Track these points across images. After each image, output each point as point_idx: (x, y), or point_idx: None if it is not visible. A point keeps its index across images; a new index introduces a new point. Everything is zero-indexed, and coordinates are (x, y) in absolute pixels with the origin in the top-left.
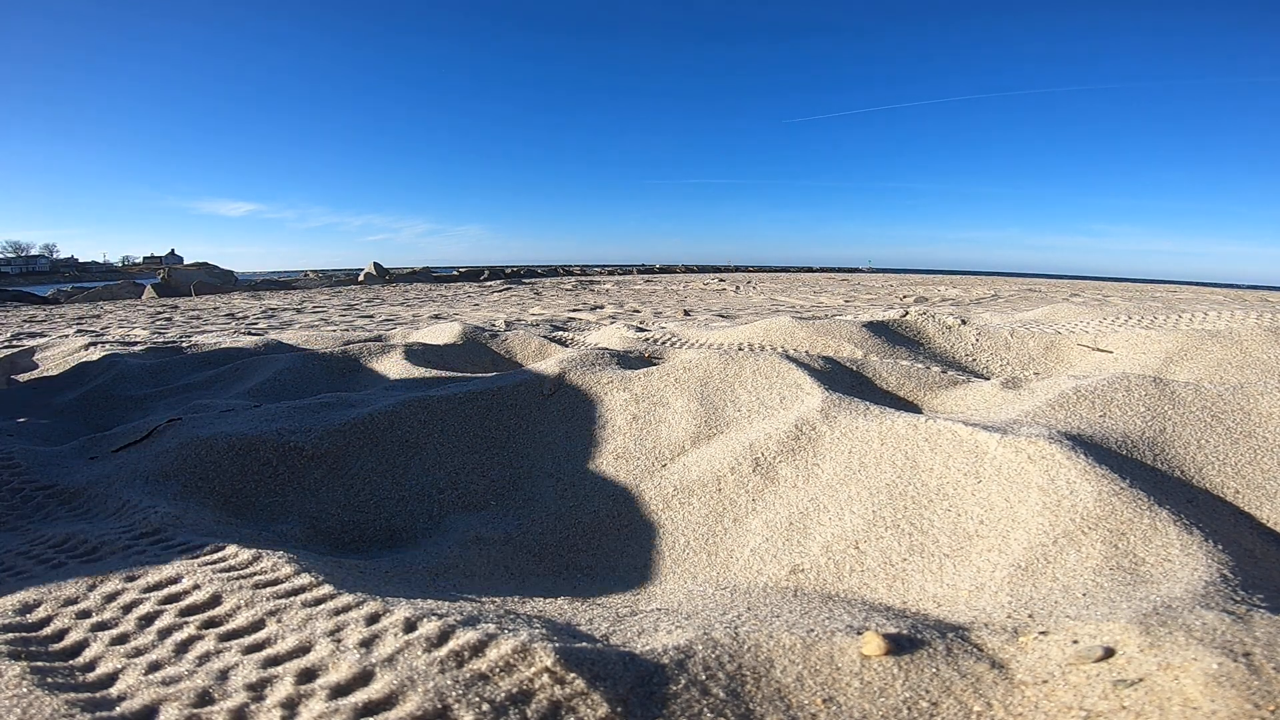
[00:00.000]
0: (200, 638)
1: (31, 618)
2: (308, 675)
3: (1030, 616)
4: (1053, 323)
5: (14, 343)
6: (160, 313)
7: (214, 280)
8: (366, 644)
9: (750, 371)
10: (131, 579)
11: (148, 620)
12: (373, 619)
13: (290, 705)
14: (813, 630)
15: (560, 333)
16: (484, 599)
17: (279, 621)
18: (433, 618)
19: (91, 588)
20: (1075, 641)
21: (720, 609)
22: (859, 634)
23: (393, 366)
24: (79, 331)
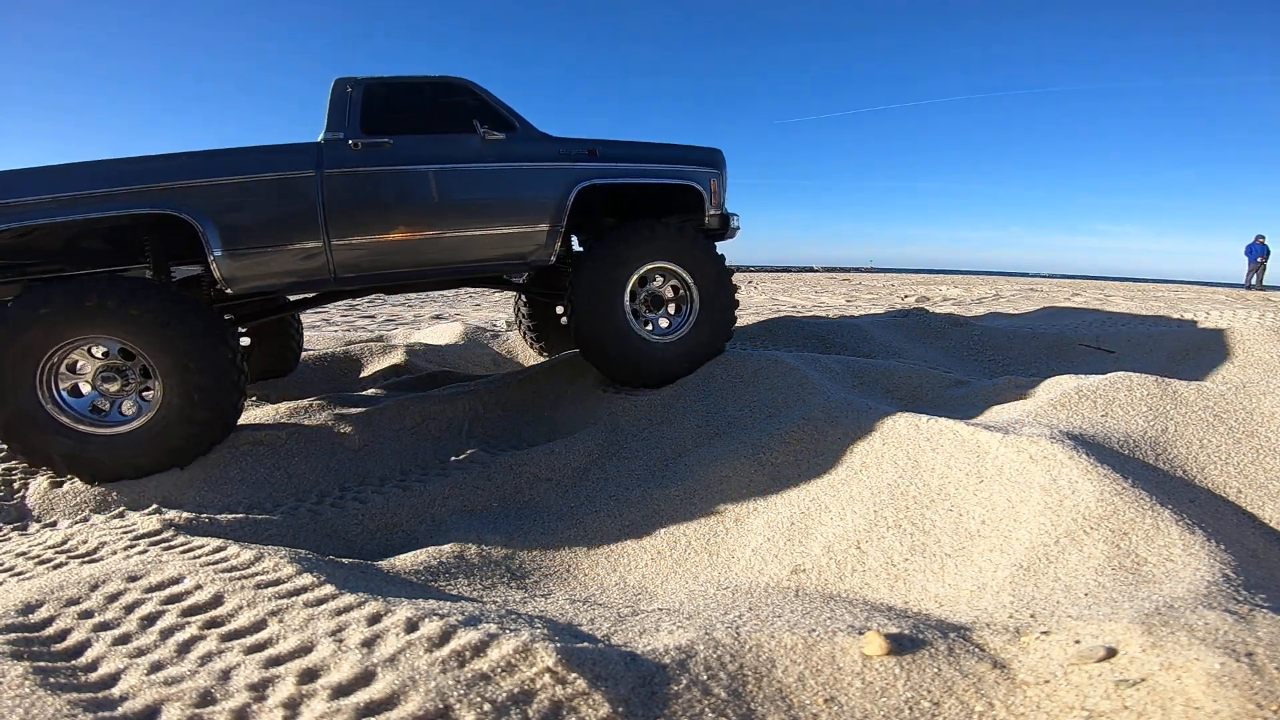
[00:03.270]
0: (202, 638)
1: (34, 618)
2: (309, 675)
3: (1032, 616)
4: (1054, 322)
5: None
6: None
7: None
8: (368, 644)
9: (752, 370)
10: (133, 579)
11: (150, 620)
12: (374, 619)
13: (292, 705)
14: (814, 630)
15: None
16: (485, 599)
17: (281, 622)
18: (434, 618)
19: (93, 588)
20: (1077, 641)
21: (722, 609)
22: (861, 634)
23: (394, 366)
24: None
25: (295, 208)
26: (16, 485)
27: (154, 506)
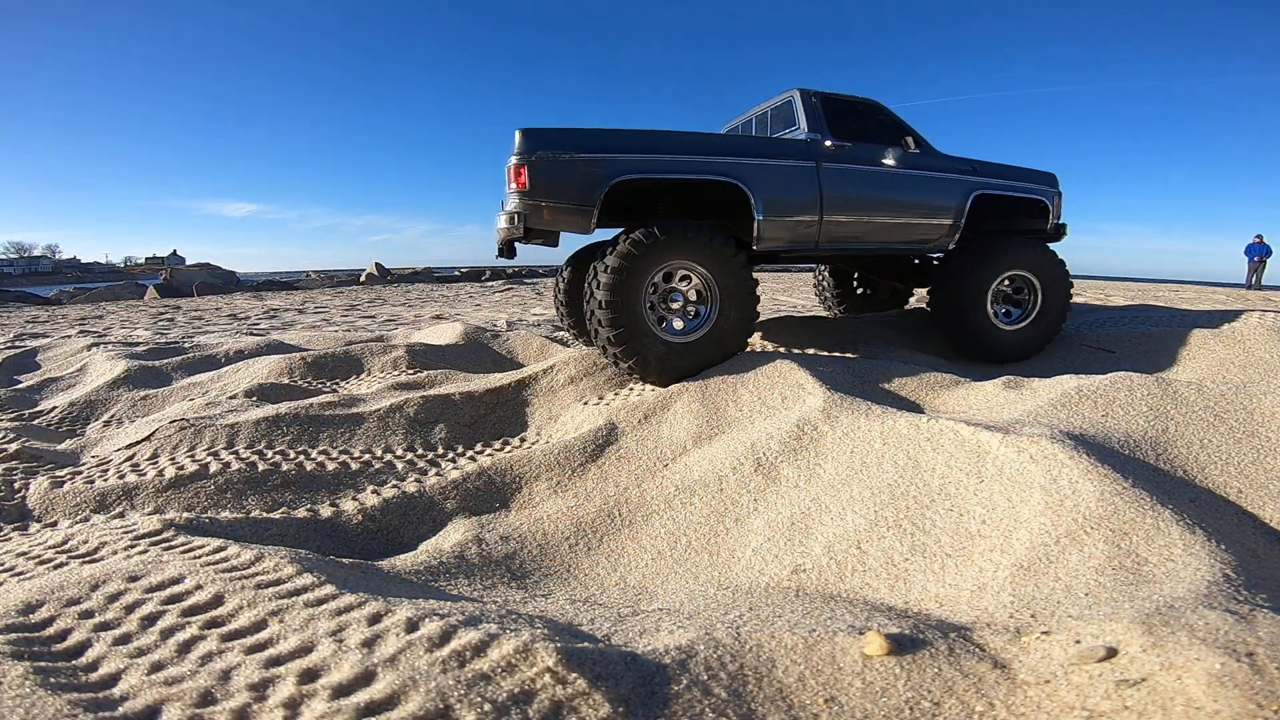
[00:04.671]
0: (203, 638)
1: (34, 618)
2: (310, 675)
3: (1033, 616)
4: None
5: (16, 344)
6: (162, 313)
7: (216, 281)
8: (368, 644)
9: (752, 371)
10: (134, 579)
11: (150, 621)
12: (375, 619)
13: (292, 705)
14: (815, 630)
15: (562, 332)
16: (485, 599)
17: (281, 622)
18: (435, 618)
19: (94, 588)
20: (1078, 641)
21: (722, 609)
22: (861, 634)
23: (394, 366)
24: (81, 332)
25: (806, 189)
26: (17, 485)
27: (154, 506)
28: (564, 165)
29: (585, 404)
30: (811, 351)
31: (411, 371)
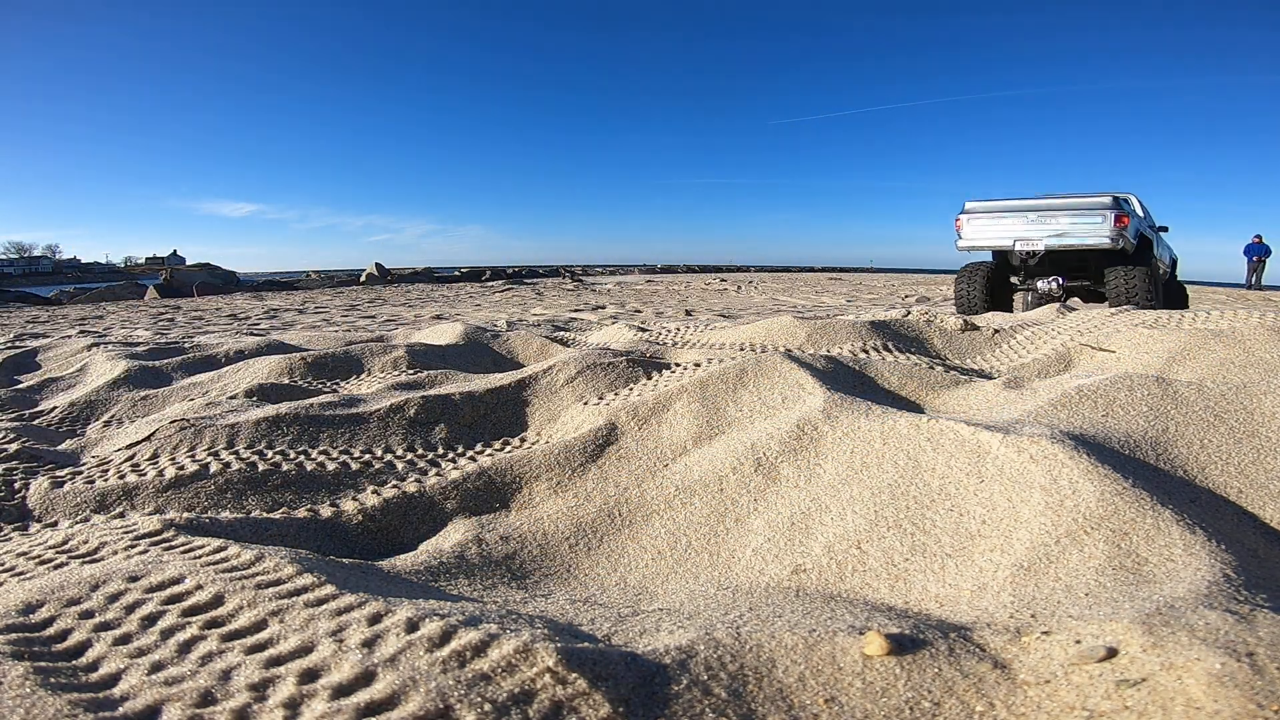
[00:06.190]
0: (203, 638)
1: (34, 618)
2: (310, 675)
3: (1033, 616)
4: (1055, 322)
5: (17, 344)
6: (163, 313)
7: (216, 281)
8: (369, 644)
9: (752, 371)
10: (134, 579)
11: (150, 621)
12: (375, 619)
13: (293, 705)
14: (815, 630)
15: (562, 333)
16: (486, 599)
17: (281, 622)
18: (435, 618)
19: (94, 588)
20: (1078, 641)
21: (722, 609)
22: (861, 634)
23: (394, 366)
24: (81, 332)
25: (1160, 242)
26: (17, 485)
27: (154, 506)
28: (1133, 219)
29: (585, 404)
30: (811, 351)
31: (412, 371)
